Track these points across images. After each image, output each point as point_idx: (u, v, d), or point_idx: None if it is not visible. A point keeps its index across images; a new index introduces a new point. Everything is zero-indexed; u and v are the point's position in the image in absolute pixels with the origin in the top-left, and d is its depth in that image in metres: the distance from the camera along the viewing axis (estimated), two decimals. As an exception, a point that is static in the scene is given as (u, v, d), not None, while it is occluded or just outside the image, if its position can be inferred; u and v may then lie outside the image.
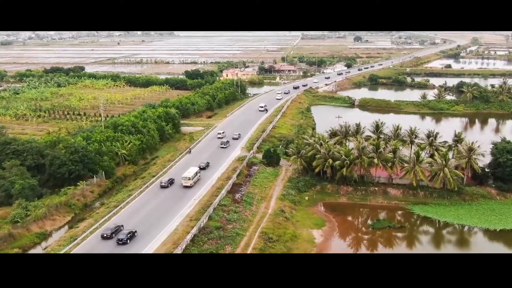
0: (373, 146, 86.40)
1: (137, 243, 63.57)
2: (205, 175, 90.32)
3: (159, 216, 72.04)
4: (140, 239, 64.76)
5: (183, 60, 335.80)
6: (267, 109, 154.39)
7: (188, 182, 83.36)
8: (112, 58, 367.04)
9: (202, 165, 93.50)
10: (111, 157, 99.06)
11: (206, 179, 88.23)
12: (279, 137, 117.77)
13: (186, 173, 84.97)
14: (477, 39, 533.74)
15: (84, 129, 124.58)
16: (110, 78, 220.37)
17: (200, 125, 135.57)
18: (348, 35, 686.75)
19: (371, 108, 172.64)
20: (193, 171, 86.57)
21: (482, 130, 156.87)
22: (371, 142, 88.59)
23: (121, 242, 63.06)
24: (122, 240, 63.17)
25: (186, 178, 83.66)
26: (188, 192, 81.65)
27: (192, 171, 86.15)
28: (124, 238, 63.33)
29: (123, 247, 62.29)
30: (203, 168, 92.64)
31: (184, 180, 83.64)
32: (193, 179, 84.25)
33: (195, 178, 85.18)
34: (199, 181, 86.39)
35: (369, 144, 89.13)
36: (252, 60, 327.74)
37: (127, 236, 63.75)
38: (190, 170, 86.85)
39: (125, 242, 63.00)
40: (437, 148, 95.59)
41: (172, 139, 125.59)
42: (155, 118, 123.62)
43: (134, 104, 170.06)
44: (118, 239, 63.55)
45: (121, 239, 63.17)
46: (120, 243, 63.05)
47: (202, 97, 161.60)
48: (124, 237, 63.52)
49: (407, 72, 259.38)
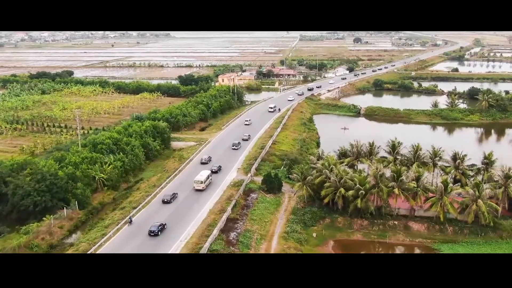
0: (393, 173, 72.77)
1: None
2: (198, 203, 77.84)
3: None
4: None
5: (178, 64, 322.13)
6: (279, 109, 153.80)
7: (201, 186, 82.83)
8: (105, 61, 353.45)
9: (215, 169, 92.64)
10: (87, 182, 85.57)
11: (198, 210, 75.32)
12: (280, 155, 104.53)
13: (199, 176, 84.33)
14: (479, 40, 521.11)
15: (62, 146, 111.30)
16: (98, 84, 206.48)
17: (192, 139, 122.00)
18: (347, 36, 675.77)
19: (378, 118, 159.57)
20: (205, 174, 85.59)
21: (498, 142, 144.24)
22: (392, 168, 74.66)
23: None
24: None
25: (198, 181, 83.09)
26: (171, 232, 68.04)
27: (204, 175, 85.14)
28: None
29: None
30: (215, 172, 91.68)
31: (196, 184, 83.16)
32: (205, 182, 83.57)
33: (207, 182, 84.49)
34: (210, 184, 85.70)
35: (387, 169, 75.85)
36: (250, 63, 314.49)
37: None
38: (202, 174, 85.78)
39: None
40: (464, 172, 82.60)
41: (160, 157, 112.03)
42: (141, 133, 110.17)
43: (122, 114, 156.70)
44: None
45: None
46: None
47: (195, 107, 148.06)
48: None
49: (413, 76, 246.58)
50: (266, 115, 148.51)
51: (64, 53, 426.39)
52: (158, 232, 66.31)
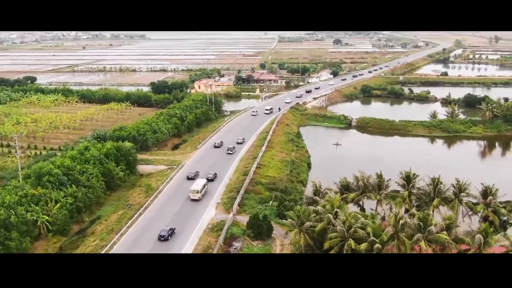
0: (419, 222, 56.12)
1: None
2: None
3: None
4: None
5: (151, 68, 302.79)
6: (273, 111, 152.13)
7: (197, 196, 79.41)
8: (74, 65, 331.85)
9: (210, 177, 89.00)
10: (25, 230, 67.27)
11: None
12: (267, 184, 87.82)
13: (194, 186, 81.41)
14: (460, 41, 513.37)
15: (4, 174, 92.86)
16: (61, 93, 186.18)
17: (163, 162, 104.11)
18: (326, 38, 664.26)
19: (371, 130, 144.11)
20: (201, 183, 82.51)
21: (503, 156, 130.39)
22: (418, 215, 57.66)
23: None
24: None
25: (194, 191, 79.79)
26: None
27: (200, 184, 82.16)
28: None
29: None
30: (211, 180, 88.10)
31: (192, 194, 79.65)
32: (201, 192, 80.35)
33: (203, 191, 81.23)
34: (206, 193, 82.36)
35: (410, 216, 59.43)
36: (228, 67, 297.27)
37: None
38: (198, 183, 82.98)
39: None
40: (496, 209, 67.17)
41: (124, 185, 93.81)
42: (101, 158, 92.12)
43: (84, 129, 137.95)
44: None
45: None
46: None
47: (167, 121, 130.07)
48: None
49: (401, 81, 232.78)
50: (248, 128, 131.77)
51: (31, 56, 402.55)
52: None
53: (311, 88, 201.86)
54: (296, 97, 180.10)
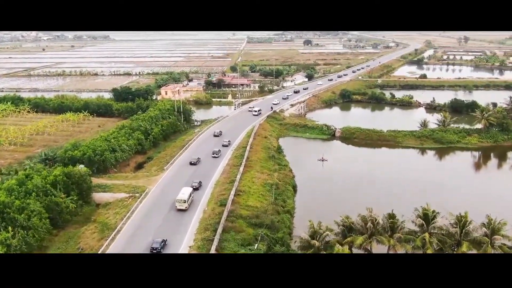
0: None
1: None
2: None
3: None
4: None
5: (114, 71, 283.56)
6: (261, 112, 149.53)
7: (183, 205, 74.73)
8: (30, 68, 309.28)
9: (195, 185, 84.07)
10: None
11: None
12: (249, 218, 72.95)
13: (180, 195, 75.91)
14: (430, 42, 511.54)
15: None
16: (11, 102, 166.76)
17: (123, 188, 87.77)
18: (296, 38, 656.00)
19: (357, 141, 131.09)
20: (187, 192, 77.44)
21: (500, 168, 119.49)
22: None
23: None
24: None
25: (181, 200, 74.86)
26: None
27: (187, 192, 76.96)
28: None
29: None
30: (196, 189, 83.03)
31: (178, 203, 74.73)
32: (187, 201, 75.52)
33: (189, 201, 76.36)
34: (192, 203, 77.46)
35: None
36: (197, 70, 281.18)
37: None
38: (184, 192, 77.31)
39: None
40: (535, 254, 54.41)
41: (76, 220, 77.30)
42: (46, 188, 75.62)
43: (34, 145, 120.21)
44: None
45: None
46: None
47: (130, 135, 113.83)
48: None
49: (380, 84, 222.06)
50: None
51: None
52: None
53: (299, 89, 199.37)
54: (283, 98, 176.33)
